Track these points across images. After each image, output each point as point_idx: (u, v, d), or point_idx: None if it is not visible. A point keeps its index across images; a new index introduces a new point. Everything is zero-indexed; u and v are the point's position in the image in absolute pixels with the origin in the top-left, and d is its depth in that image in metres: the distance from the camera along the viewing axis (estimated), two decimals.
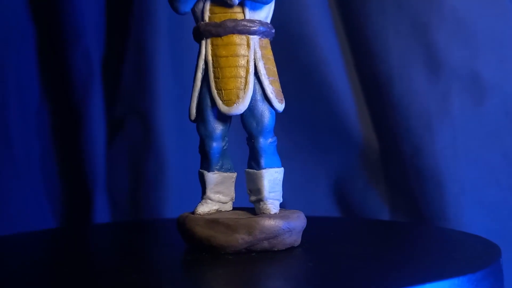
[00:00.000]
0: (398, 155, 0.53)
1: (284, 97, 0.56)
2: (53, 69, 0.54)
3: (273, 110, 0.31)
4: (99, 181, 0.54)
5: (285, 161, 0.58)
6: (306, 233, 0.32)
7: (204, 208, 0.31)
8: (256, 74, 0.30)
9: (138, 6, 0.53)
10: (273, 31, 0.32)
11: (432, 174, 0.51)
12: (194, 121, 0.32)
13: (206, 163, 0.32)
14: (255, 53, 0.30)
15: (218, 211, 0.31)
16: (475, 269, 0.24)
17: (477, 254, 0.28)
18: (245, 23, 0.30)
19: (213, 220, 0.30)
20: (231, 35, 0.30)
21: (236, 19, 0.30)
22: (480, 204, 0.50)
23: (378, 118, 0.54)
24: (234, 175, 0.32)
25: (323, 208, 0.56)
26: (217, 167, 0.31)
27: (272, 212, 0.30)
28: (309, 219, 0.39)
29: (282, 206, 0.55)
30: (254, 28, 0.30)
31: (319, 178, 0.56)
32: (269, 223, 0.29)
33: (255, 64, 0.30)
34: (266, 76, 0.31)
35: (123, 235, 0.40)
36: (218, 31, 0.30)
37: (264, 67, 0.30)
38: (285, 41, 0.53)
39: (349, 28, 0.55)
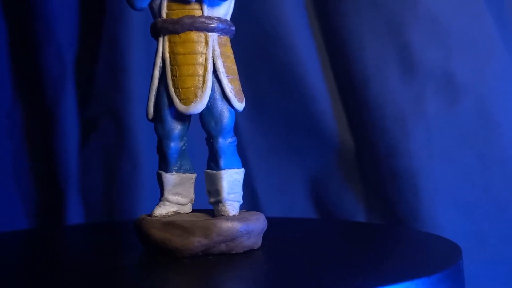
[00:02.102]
0: (374, 155, 0.53)
1: (260, 97, 0.56)
2: (25, 68, 0.54)
3: (232, 110, 0.31)
4: (72, 182, 0.53)
5: (261, 162, 0.58)
6: (270, 235, 0.31)
7: (162, 210, 0.30)
8: (215, 72, 0.30)
9: (112, 4, 0.53)
10: (233, 28, 0.31)
11: (407, 175, 0.51)
12: (152, 120, 0.31)
13: (164, 164, 0.31)
14: (213, 50, 0.30)
15: (176, 213, 0.31)
16: (431, 272, 0.24)
17: (437, 256, 0.28)
18: (203, 20, 0.29)
19: (169, 223, 0.29)
20: (189, 32, 0.29)
21: (194, 16, 0.30)
22: (454, 205, 0.50)
23: (354, 118, 0.54)
24: (194, 176, 0.32)
25: (299, 209, 0.56)
26: (176, 168, 0.31)
27: (231, 214, 0.29)
28: (280, 220, 0.39)
29: (258, 207, 0.56)
30: (212, 25, 0.30)
31: (296, 178, 0.56)
32: (226, 225, 0.28)
33: (213, 62, 0.30)
34: (225, 75, 0.30)
35: (92, 237, 0.40)
36: (176, 28, 0.29)
37: (223, 65, 0.30)
38: (261, 40, 0.53)
39: (324, 28, 0.55)
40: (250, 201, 0.55)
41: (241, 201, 0.31)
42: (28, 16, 0.52)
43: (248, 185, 0.55)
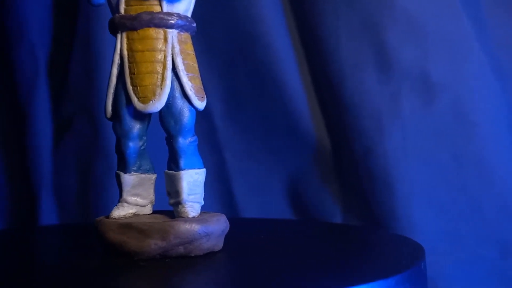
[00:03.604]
0: (350, 155, 0.52)
1: (237, 97, 0.55)
2: None
3: (193, 108, 0.30)
4: (45, 182, 0.52)
5: (238, 162, 0.58)
6: (237, 236, 0.31)
7: (120, 211, 0.30)
8: (174, 70, 0.29)
9: (85, 3, 0.52)
10: (194, 25, 0.30)
11: (382, 175, 0.50)
12: (110, 119, 0.31)
13: (122, 164, 0.30)
14: (173, 47, 0.29)
15: (135, 214, 0.30)
16: (389, 274, 0.23)
17: (399, 257, 0.27)
18: (162, 16, 0.29)
19: (126, 225, 0.28)
20: (147, 28, 0.29)
21: (153, 12, 0.29)
22: (430, 205, 0.50)
23: (330, 118, 0.54)
24: (154, 176, 0.31)
25: (277, 209, 0.55)
26: (135, 168, 0.30)
27: (190, 216, 0.29)
28: (254, 221, 0.38)
29: (235, 208, 0.55)
30: (171, 22, 0.29)
31: (273, 179, 0.55)
32: (184, 227, 0.28)
33: (173, 59, 0.29)
34: (185, 72, 0.29)
35: (62, 238, 0.39)
36: (134, 24, 0.29)
37: (183, 62, 0.29)
38: (237, 39, 0.53)
39: (301, 28, 0.54)
40: (227, 202, 0.55)
41: (202, 202, 0.30)
42: (0, 15, 0.51)
43: (225, 186, 0.55)
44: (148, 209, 0.31)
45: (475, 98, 0.50)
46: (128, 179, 0.30)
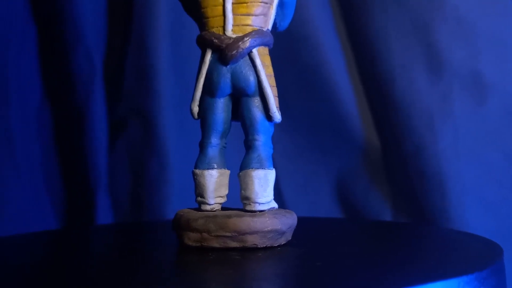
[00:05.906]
0: (400, 155, 0.53)
1: (286, 98, 0.56)
2: (55, 70, 0.54)
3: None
4: (101, 182, 0.53)
5: (287, 162, 0.58)
6: (298, 234, 0.31)
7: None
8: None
9: (139, 6, 0.53)
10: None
11: (434, 174, 0.51)
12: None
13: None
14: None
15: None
16: (481, 268, 0.24)
17: (480, 253, 0.28)
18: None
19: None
20: None
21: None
22: (481, 203, 0.50)
23: (380, 118, 0.54)
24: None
25: (325, 208, 0.56)
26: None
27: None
28: (305, 220, 0.39)
29: (284, 206, 0.55)
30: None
31: (322, 178, 0.56)
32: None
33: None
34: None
35: (124, 237, 0.40)
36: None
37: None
38: (286, 41, 0.53)
39: (350, 28, 0.55)
40: (276, 201, 0.55)
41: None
42: (57, 18, 0.53)
43: (274, 185, 0.55)
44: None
45: None
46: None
